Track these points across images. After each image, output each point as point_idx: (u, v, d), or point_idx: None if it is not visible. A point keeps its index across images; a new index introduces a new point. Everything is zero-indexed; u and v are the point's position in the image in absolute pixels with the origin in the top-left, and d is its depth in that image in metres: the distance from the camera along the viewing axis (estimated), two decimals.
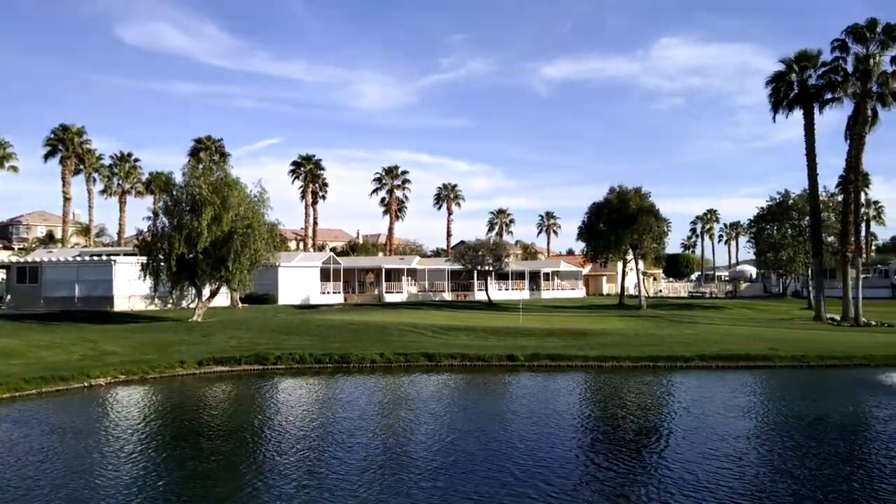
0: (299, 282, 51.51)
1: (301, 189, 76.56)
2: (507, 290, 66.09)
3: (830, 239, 50.12)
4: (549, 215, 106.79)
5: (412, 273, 62.93)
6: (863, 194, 68.78)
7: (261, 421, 15.14)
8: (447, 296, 62.60)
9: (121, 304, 40.74)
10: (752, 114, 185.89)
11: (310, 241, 78.78)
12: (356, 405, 16.74)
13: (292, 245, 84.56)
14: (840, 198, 48.74)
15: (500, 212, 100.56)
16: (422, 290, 62.39)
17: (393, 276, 61.49)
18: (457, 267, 60.54)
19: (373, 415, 15.61)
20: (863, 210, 75.88)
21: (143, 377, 20.29)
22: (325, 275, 54.63)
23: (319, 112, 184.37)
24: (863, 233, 79.30)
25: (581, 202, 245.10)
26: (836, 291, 43.55)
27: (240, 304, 44.26)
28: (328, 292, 54.33)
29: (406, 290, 61.01)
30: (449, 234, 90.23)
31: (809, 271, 52.34)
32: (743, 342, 27.36)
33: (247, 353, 23.54)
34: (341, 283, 56.54)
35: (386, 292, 59.22)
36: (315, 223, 79.00)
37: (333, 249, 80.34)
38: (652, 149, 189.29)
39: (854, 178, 42.00)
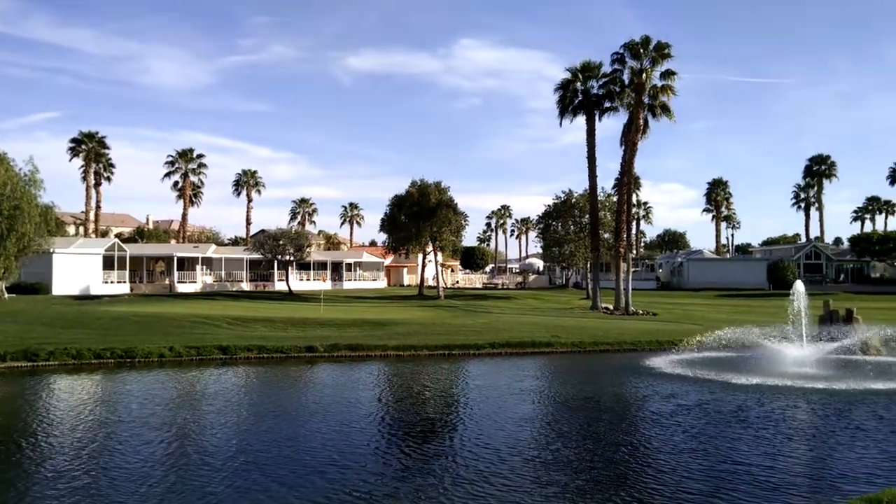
0: (78, 270, 47.38)
1: (82, 169, 70.45)
2: (308, 280, 65.29)
3: (606, 235, 54.91)
4: (353, 206, 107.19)
5: (208, 262, 60.17)
6: (634, 196, 76.38)
7: (21, 424, 13.66)
8: (245, 286, 60.61)
9: None
10: (543, 117, 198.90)
11: (91, 226, 72.63)
12: (135, 404, 15.61)
13: (71, 230, 77.36)
14: (615, 198, 53.68)
15: (303, 201, 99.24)
16: (218, 280, 59.86)
17: (186, 264, 58.38)
18: (256, 256, 58.79)
19: (153, 414, 14.57)
20: (634, 210, 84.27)
21: None
22: (108, 263, 50.70)
23: (107, 87, 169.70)
24: (634, 231, 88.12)
25: (385, 194, 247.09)
26: (611, 283, 47.83)
27: (5, 295, 39.91)
28: (112, 282, 50.53)
29: (201, 280, 58.21)
30: (249, 223, 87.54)
31: (588, 265, 57.07)
32: (529, 330, 29.32)
33: (13, 348, 21.24)
34: (127, 273, 52.77)
35: (178, 282, 56.10)
36: (98, 206, 73.10)
37: (119, 235, 74.57)
38: (453, 145, 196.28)
39: (627, 180, 46.40)
